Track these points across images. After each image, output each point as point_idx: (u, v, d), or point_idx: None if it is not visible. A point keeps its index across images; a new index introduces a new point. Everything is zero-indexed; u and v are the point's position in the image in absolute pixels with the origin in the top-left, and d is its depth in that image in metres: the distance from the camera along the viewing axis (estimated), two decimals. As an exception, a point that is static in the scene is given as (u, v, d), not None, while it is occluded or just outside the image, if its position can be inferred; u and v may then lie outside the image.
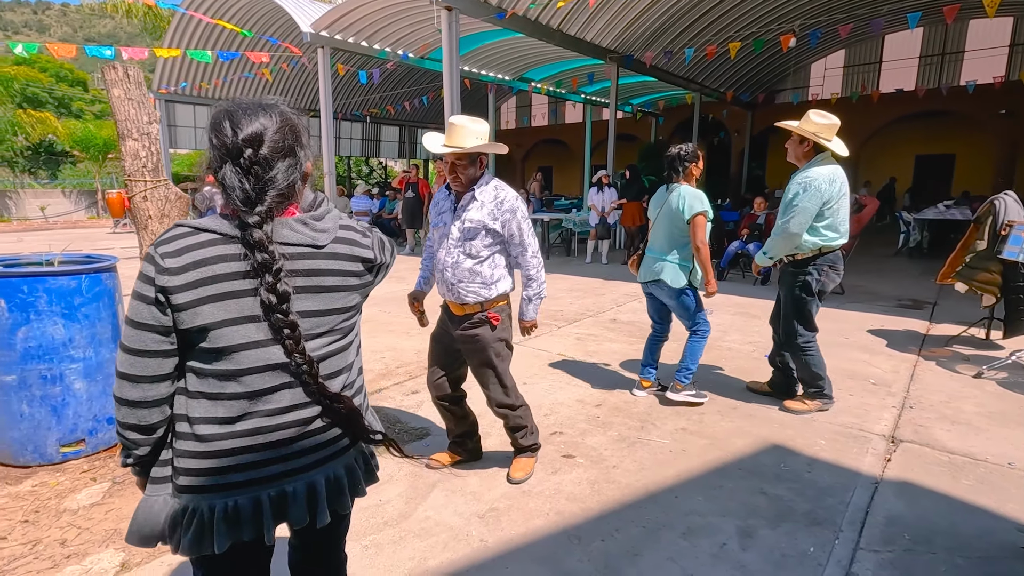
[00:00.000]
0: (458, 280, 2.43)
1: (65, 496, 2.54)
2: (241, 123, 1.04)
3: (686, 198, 3.35)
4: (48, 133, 19.11)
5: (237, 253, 1.04)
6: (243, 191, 1.03)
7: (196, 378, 1.09)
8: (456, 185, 2.43)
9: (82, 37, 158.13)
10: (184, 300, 1.02)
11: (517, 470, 2.69)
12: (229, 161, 1.04)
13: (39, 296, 2.64)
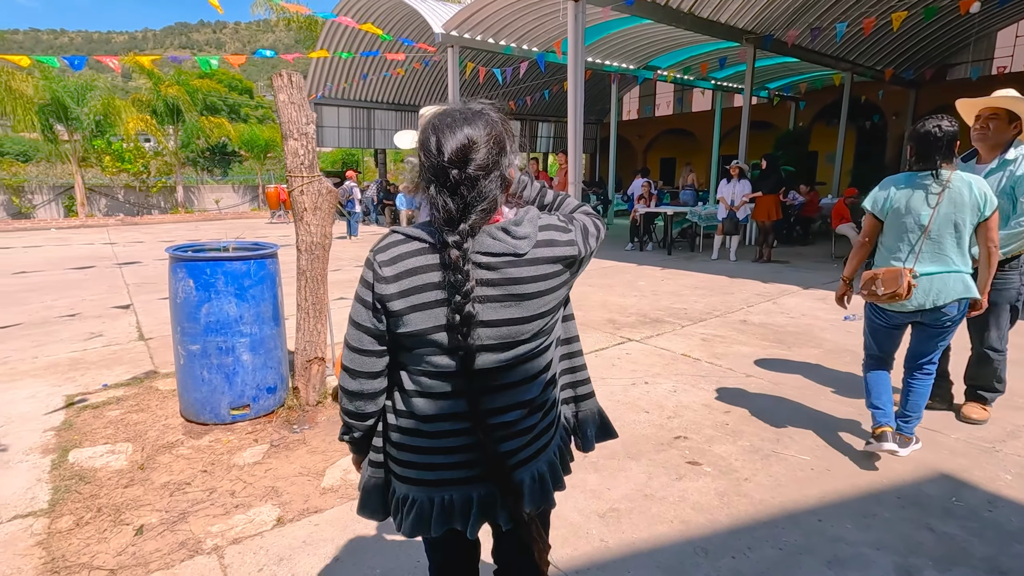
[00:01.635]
0: None
1: (234, 453, 2.91)
2: (448, 141, 1.03)
3: (983, 188, 2.52)
4: (223, 136, 22.03)
5: (438, 263, 1.07)
6: (447, 211, 1.04)
7: (408, 377, 1.16)
8: None
9: (249, 50, 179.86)
10: (397, 308, 1.08)
11: None
12: (435, 180, 1.04)
13: (218, 278, 3.04)
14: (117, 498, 2.50)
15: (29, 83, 16.04)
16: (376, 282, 1.09)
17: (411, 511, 1.19)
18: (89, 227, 16.42)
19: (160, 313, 5.82)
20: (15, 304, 6.31)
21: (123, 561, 2.10)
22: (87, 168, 19.30)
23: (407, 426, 1.17)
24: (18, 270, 8.70)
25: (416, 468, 1.18)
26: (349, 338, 1.16)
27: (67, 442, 3.02)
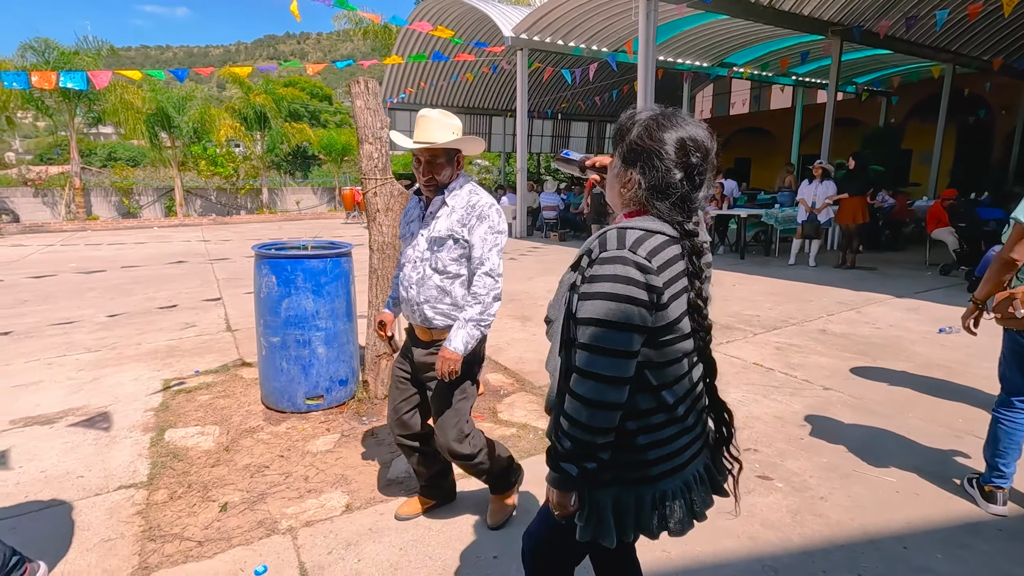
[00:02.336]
0: (424, 300, 2.07)
1: (308, 440, 3.07)
2: (704, 138, 1.13)
3: None
4: (303, 140, 23.31)
5: (680, 253, 1.13)
6: (689, 203, 1.14)
7: (652, 373, 1.15)
8: (429, 188, 2.07)
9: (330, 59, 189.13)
10: (665, 299, 1.10)
11: (492, 514, 2.32)
12: (685, 174, 1.12)
13: (298, 275, 3.22)
14: (205, 476, 2.71)
15: (139, 95, 17.65)
16: (649, 275, 1.07)
17: (672, 502, 1.19)
18: (186, 226, 17.87)
19: (245, 306, 6.24)
20: (124, 295, 6.97)
21: (209, 534, 2.27)
22: (185, 172, 21.00)
23: (659, 421, 1.17)
24: (127, 264, 9.60)
25: (672, 457, 1.19)
26: (614, 344, 1.07)
27: (164, 422, 3.30)
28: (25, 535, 2.26)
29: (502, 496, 2.34)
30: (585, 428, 1.09)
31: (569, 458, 1.12)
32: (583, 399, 1.09)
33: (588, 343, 1.08)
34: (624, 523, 1.18)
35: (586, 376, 1.08)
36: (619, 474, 1.18)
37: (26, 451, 2.97)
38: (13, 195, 18.05)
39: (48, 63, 15.93)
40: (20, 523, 2.35)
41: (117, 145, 33.55)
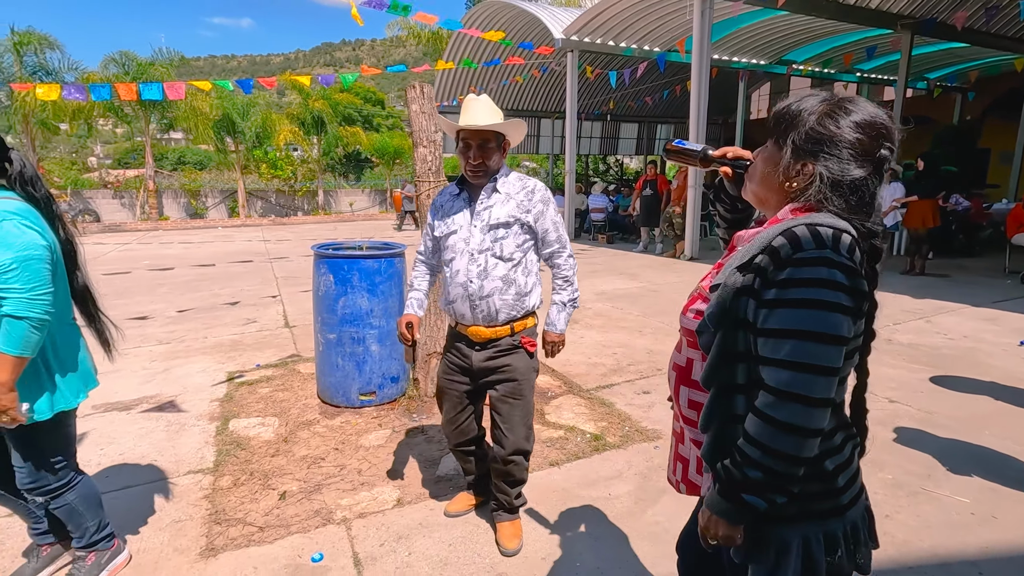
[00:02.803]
0: (487, 293, 1.99)
1: (361, 435, 3.17)
2: (890, 132, 1.01)
3: None
4: (357, 144, 24.05)
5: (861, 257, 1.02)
6: (872, 197, 1.02)
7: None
8: (478, 176, 2.00)
9: (383, 65, 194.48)
10: (867, 305, 0.99)
11: (512, 538, 2.19)
12: (873, 167, 1.00)
13: (354, 274, 3.33)
14: (266, 465, 2.84)
15: (207, 102, 18.67)
16: (855, 279, 0.94)
17: (860, 532, 1.06)
18: (247, 226, 18.74)
19: (302, 304, 6.49)
20: (192, 291, 7.39)
21: (269, 521, 2.38)
22: (247, 175, 22.04)
23: (840, 441, 1.05)
24: (195, 263, 10.17)
25: (855, 480, 1.07)
26: (826, 361, 0.92)
27: (228, 412, 3.48)
28: (109, 509, 2.43)
29: (514, 518, 2.26)
30: (784, 457, 0.93)
31: (756, 490, 0.97)
32: (783, 424, 0.92)
33: (789, 359, 0.92)
34: (814, 565, 1.01)
35: (787, 398, 0.92)
36: (807, 507, 1.01)
37: (106, 434, 3.20)
38: (95, 197, 19.44)
39: (128, 74, 17.07)
40: (105, 500, 2.53)
41: (186, 150, 35.63)
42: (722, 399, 1.03)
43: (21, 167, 1.77)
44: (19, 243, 1.61)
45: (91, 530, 1.98)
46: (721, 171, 1.27)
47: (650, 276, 8.14)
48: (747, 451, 0.96)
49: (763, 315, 0.96)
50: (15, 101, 15.93)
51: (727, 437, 1.02)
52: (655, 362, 4.35)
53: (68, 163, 24.35)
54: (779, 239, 0.97)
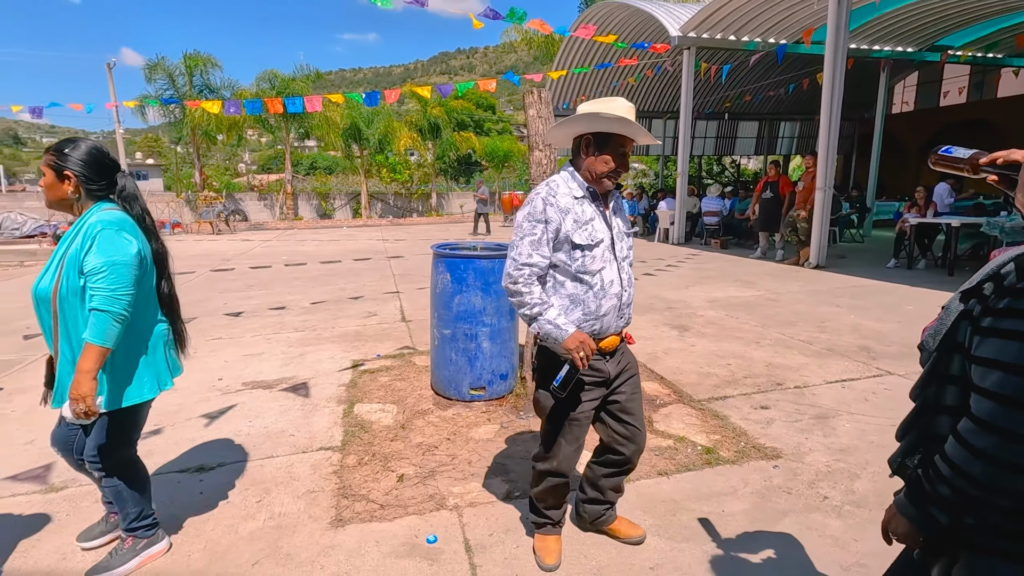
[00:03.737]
0: (632, 300, 2.02)
1: (471, 428, 3.31)
2: None
3: None
4: (469, 148, 24.99)
5: None
6: None
7: None
8: (614, 181, 1.93)
9: (495, 71, 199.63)
10: None
11: (634, 527, 2.26)
12: None
13: (469, 273, 3.48)
14: (385, 449, 3.06)
15: (338, 112, 20.41)
16: None
17: None
18: (368, 226, 20.20)
19: (417, 300, 6.88)
20: (321, 285, 8.12)
21: (389, 500, 2.57)
22: (369, 179, 23.76)
23: None
24: (324, 259, 11.15)
25: None
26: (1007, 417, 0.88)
27: (353, 397, 3.79)
28: (255, 477, 2.77)
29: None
30: (975, 483, 0.93)
31: (943, 505, 0.99)
32: (980, 453, 0.91)
33: (994, 390, 0.90)
34: None
35: (988, 428, 0.90)
36: (1009, 546, 0.96)
37: (253, 409, 3.62)
38: (244, 198, 21.99)
39: (274, 89, 19.11)
40: (252, 466, 2.88)
41: (317, 156, 39.13)
42: (924, 415, 1.05)
43: (124, 186, 2.04)
44: (112, 247, 1.86)
45: (132, 515, 2.11)
46: (988, 179, 1.17)
47: (769, 284, 7.62)
48: (941, 468, 0.97)
49: (976, 341, 0.95)
50: (186, 116, 18.46)
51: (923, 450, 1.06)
52: (775, 376, 4.08)
53: (222, 169, 27.68)
54: (1009, 266, 0.94)
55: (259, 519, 2.43)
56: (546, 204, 1.87)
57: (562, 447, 2.02)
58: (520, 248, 1.86)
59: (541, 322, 1.84)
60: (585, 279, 1.90)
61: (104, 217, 1.92)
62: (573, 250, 1.88)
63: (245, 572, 2.10)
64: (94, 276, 1.84)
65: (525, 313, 1.87)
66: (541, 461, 2.09)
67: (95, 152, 1.99)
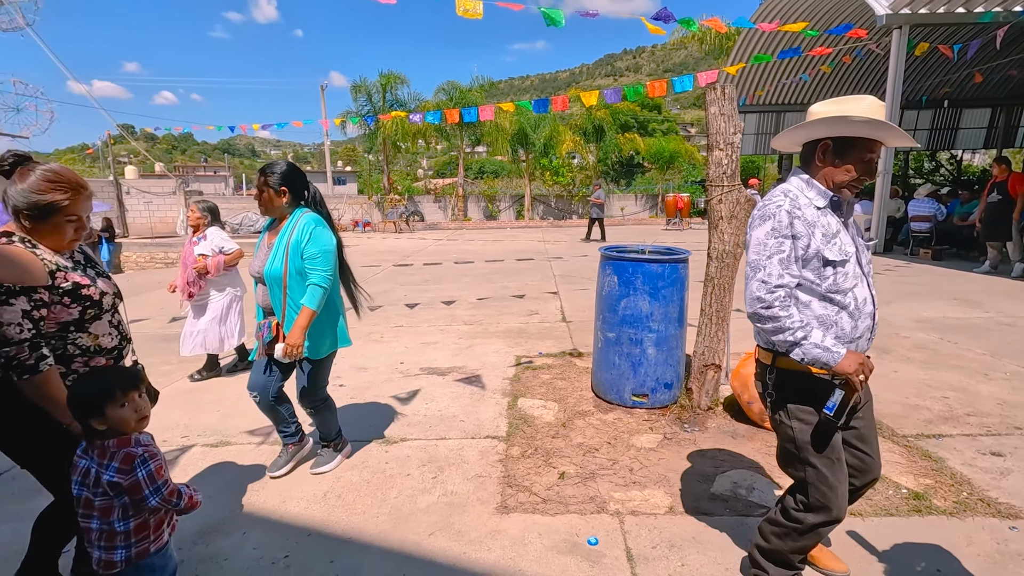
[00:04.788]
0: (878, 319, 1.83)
1: (633, 435, 3.24)
2: None
3: None
4: (633, 149, 24.55)
5: None
6: None
7: None
8: (854, 190, 1.74)
9: (662, 70, 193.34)
10: None
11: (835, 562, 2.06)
12: None
13: (637, 277, 3.41)
14: (547, 445, 3.13)
15: (507, 119, 21.44)
16: None
17: None
18: (530, 227, 20.91)
19: (576, 301, 6.94)
20: (486, 283, 8.60)
21: (550, 495, 2.62)
22: (532, 181, 24.57)
23: None
24: (489, 258, 11.80)
25: None
26: None
27: (516, 391, 3.95)
28: (431, 454, 3.03)
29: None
30: None
31: None
32: None
33: None
34: None
35: None
36: None
37: (429, 393, 3.96)
38: (422, 201, 24.18)
39: (451, 100, 20.71)
40: (428, 445, 3.16)
41: (485, 161, 41.51)
42: None
43: (314, 193, 2.68)
44: (323, 240, 2.53)
45: (332, 432, 2.93)
46: None
47: (1000, 304, 6.27)
48: None
49: None
50: (379, 128, 20.86)
51: None
52: (1012, 418, 3.34)
53: (404, 174, 30.73)
54: None
55: (434, 494, 2.65)
56: (792, 217, 1.67)
57: (838, 490, 1.72)
58: (769, 268, 1.66)
59: (807, 346, 1.61)
60: (836, 299, 1.69)
61: (311, 217, 2.57)
62: (824, 267, 1.68)
63: (422, 540, 2.30)
64: (312, 260, 2.51)
65: (786, 339, 1.64)
66: (815, 512, 1.74)
67: (296, 170, 2.65)
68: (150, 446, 1.60)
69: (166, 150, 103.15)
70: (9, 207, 1.70)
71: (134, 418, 1.56)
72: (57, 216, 1.71)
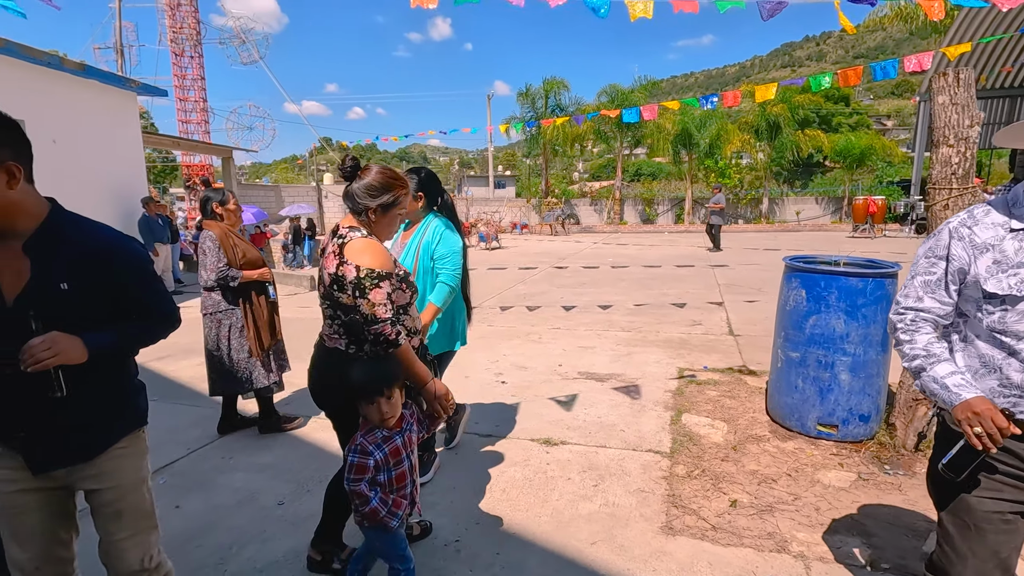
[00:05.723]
0: None
1: (818, 469, 2.88)
2: None
3: None
4: (815, 147, 22.05)
5: None
6: None
7: None
8: None
9: (852, 56, 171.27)
10: None
11: None
12: None
13: (831, 292, 3.03)
14: (716, 467, 2.92)
15: (670, 119, 20.64)
16: None
17: None
18: (690, 232, 19.86)
19: (745, 314, 6.41)
20: (644, 289, 8.35)
21: (720, 523, 2.43)
22: (694, 183, 23.32)
23: None
24: (646, 263, 11.46)
25: None
26: None
27: (679, 405, 3.75)
28: (591, 461, 3.00)
29: None
30: None
31: None
32: None
33: None
34: None
35: None
36: None
37: (587, 399, 3.93)
38: (577, 204, 24.34)
39: (612, 102, 20.52)
40: (588, 451, 3.13)
41: (642, 163, 40.45)
42: None
43: (446, 200, 2.85)
44: (451, 242, 2.72)
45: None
46: None
47: None
48: None
49: None
50: (540, 133, 21.44)
51: None
52: None
53: (560, 177, 31.19)
54: None
55: (595, 502, 2.61)
56: (952, 237, 1.44)
57: (966, 563, 1.45)
58: (908, 288, 1.52)
59: (925, 379, 1.44)
60: (1006, 342, 1.38)
61: (442, 221, 2.79)
62: (985, 301, 1.40)
63: (584, 548, 2.28)
64: (442, 260, 2.71)
65: (907, 366, 1.51)
66: (936, 572, 1.53)
67: (433, 177, 2.82)
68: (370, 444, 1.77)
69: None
70: (359, 203, 1.88)
71: (377, 416, 1.76)
72: (395, 210, 1.94)
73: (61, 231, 1.33)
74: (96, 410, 1.40)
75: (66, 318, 1.31)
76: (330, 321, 1.93)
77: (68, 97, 8.36)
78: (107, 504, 1.46)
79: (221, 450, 3.28)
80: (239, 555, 2.30)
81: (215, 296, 3.30)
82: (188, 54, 16.14)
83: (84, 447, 1.40)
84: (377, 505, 1.75)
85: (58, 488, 1.44)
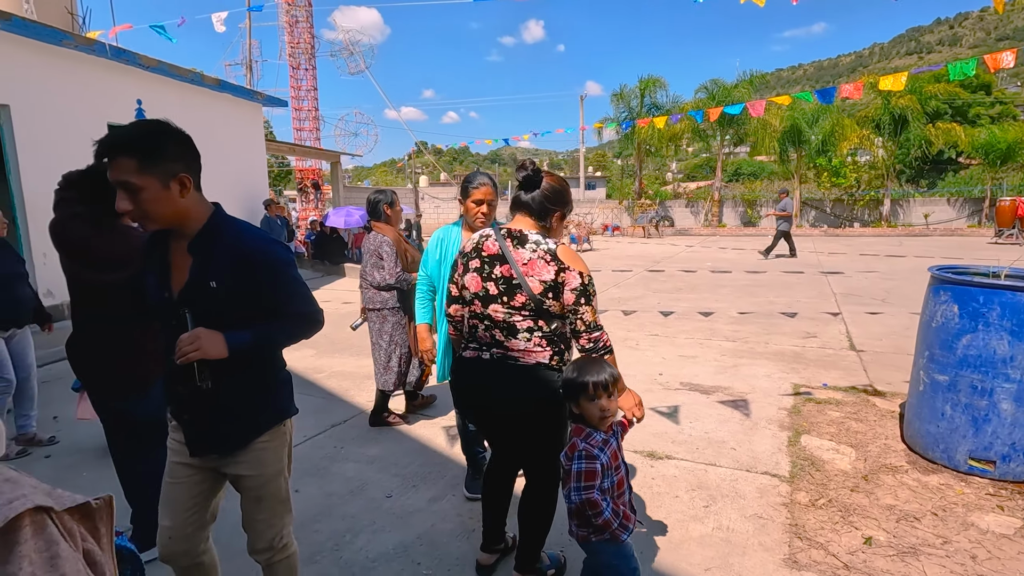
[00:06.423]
0: None
1: (971, 511, 2.52)
2: None
3: None
4: (949, 143, 19.73)
5: None
6: None
7: None
8: None
9: (993, 39, 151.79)
10: None
11: None
12: None
13: (992, 308, 2.64)
14: (844, 498, 2.64)
15: (777, 115, 19.32)
16: None
17: None
18: (797, 236, 18.45)
19: (867, 327, 5.82)
20: (748, 296, 7.84)
21: (854, 562, 2.19)
22: (803, 184, 21.66)
23: None
24: (748, 268, 10.79)
25: None
26: None
27: (797, 425, 3.45)
28: (700, 480, 2.83)
29: None
30: None
31: None
32: None
33: None
34: None
35: None
36: None
37: (691, 411, 3.73)
38: (672, 205, 23.48)
39: (713, 99, 19.56)
40: (696, 468, 2.96)
41: (741, 162, 38.23)
42: None
43: None
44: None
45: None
46: None
47: None
48: None
49: None
50: (635, 133, 20.92)
51: None
52: None
53: (652, 178, 30.24)
54: None
55: (707, 525, 2.45)
56: None
57: None
58: None
59: None
60: None
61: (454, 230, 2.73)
62: None
63: (698, 574, 2.14)
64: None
65: None
66: None
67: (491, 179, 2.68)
68: (594, 448, 1.68)
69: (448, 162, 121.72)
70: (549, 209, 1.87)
71: (598, 415, 1.70)
72: (566, 217, 1.95)
73: (218, 234, 1.44)
74: (242, 403, 1.50)
75: (215, 315, 1.41)
76: (528, 334, 1.82)
77: (206, 109, 9.31)
78: (250, 489, 1.56)
79: (333, 439, 3.45)
80: (352, 543, 2.40)
81: (384, 293, 3.50)
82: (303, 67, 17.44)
83: (231, 438, 1.50)
84: (609, 516, 1.65)
85: (208, 469, 1.56)
